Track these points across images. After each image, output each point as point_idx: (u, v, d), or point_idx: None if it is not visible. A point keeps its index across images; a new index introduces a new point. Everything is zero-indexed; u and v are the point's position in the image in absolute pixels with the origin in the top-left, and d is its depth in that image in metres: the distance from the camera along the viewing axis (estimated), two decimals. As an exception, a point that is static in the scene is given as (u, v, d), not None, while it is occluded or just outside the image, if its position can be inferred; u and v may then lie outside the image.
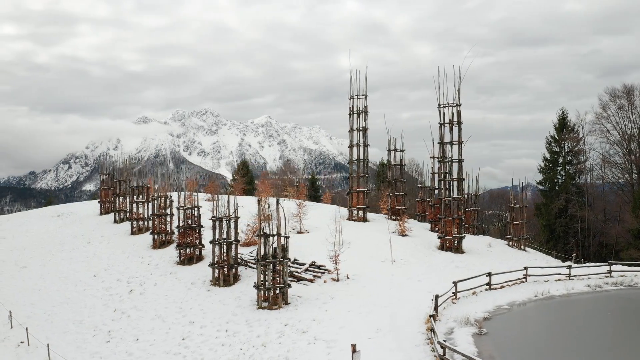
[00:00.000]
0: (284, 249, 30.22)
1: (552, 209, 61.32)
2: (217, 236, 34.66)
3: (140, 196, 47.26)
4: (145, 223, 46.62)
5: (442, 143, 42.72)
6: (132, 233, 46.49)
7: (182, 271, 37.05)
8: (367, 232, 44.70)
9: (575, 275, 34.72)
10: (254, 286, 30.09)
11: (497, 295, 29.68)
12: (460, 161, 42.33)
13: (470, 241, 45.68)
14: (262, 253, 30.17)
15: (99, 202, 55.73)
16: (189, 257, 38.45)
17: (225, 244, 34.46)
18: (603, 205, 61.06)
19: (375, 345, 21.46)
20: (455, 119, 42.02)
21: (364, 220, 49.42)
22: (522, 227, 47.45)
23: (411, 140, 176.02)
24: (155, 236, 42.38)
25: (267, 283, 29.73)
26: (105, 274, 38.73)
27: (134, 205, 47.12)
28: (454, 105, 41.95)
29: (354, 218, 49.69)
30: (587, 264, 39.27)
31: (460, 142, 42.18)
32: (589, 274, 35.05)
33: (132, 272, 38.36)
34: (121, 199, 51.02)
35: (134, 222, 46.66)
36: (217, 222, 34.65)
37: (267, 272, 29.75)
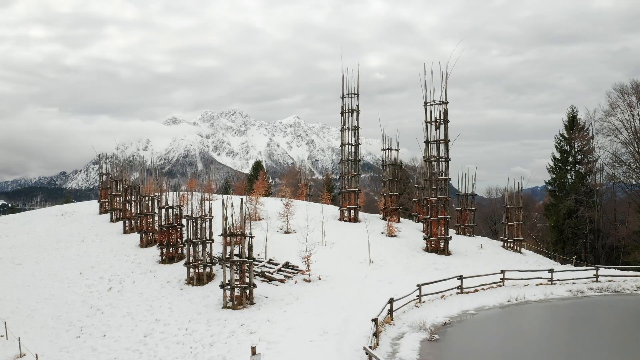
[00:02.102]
0: (250, 248, 30.12)
1: (561, 210, 59.06)
2: (191, 235, 34.84)
3: (132, 196, 48.10)
4: (137, 222, 47.35)
5: (428, 142, 41.66)
6: (125, 232, 47.35)
7: (161, 270, 37.41)
8: (354, 233, 44.04)
9: (559, 280, 33.19)
10: (220, 286, 30.08)
11: (466, 300, 28.64)
12: (446, 160, 41.18)
13: (461, 242, 44.41)
14: (228, 252, 30.13)
15: (98, 201, 57.08)
16: (170, 256, 38.83)
17: (199, 243, 34.62)
18: (613, 206, 58.28)
19: (313, 348, 21.04)
20: (441, 117, 40.89)
21: (355, 220, 48.80)
22: (517, 228, 45.74)
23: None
24: (143, 235, 43.04)
25: (232, 283, 29.66)
26: (91, 272, 39.52)
27: (127, 204, 48.02)
28: (440, 103, 40.82)
29: (345, 218, 49.15)
30: (572, 268, 37.40)
31: (446, 141, 41.02)
32: (573, 279, 33.44)
33: (115, 270, 39.03)
34: (118, 199, 52.06)
35: (126, 221, 47.52)
36: (191, 222, 34.84)
37: (232, 272, 29.68)
